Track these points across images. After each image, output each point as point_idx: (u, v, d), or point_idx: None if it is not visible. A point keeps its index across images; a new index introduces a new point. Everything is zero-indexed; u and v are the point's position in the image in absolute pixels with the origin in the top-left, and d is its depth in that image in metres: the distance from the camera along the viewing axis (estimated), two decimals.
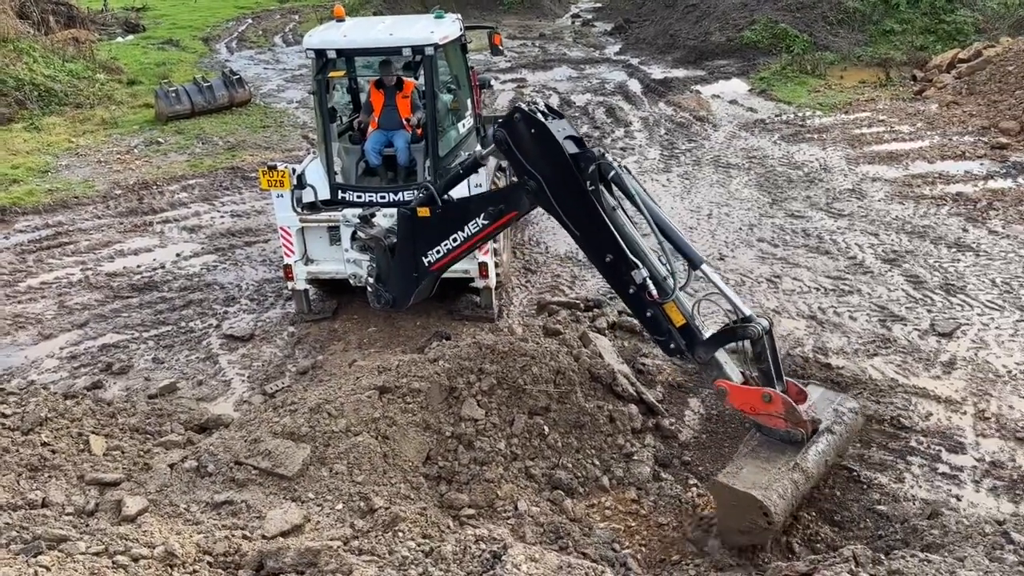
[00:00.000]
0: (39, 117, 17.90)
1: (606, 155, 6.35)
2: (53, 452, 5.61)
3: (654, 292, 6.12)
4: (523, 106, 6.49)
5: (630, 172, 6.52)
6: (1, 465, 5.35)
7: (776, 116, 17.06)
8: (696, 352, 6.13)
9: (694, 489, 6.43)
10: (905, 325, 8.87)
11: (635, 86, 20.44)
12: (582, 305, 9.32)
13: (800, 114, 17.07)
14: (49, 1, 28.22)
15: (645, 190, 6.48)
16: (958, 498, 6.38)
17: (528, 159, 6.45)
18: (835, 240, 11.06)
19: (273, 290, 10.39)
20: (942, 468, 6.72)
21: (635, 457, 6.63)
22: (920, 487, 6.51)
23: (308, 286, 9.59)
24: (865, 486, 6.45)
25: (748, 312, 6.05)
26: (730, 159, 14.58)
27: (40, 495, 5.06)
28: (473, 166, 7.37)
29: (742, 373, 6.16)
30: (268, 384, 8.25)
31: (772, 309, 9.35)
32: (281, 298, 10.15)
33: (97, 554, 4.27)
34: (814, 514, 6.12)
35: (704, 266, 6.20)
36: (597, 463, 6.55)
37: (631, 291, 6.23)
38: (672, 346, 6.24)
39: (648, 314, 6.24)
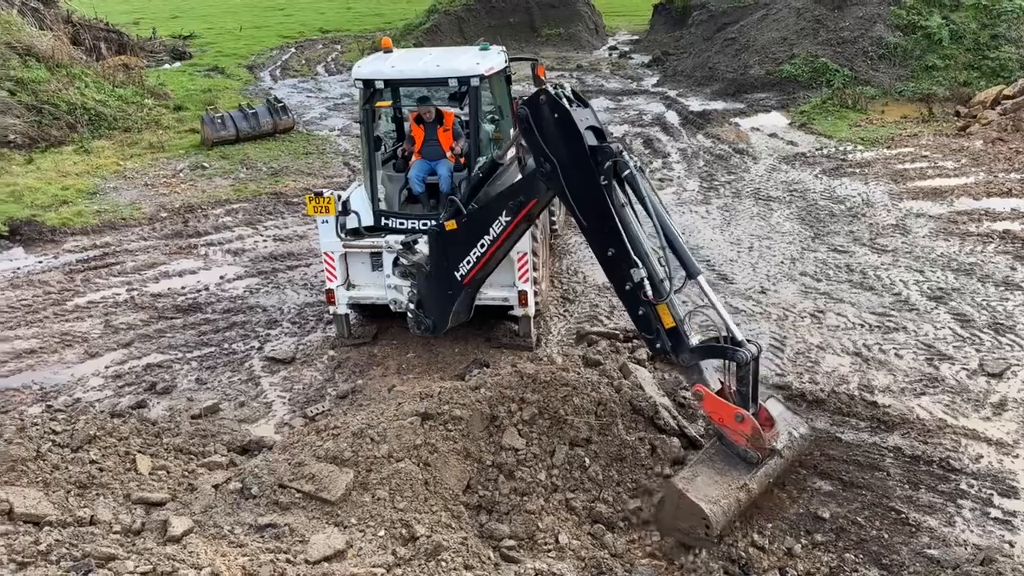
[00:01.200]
0: (89, 140, 18.41)
1: (624, 153, 6.42)
2: (101, 470, 5.68)
3: (649, 292, 6.25)
4: (549, 88, 6.54)
5: (644, 173, 6.58)
6: (51, 481, 5.44)
7: (817, 150, 16.96)
8: (680, 355, 6.29)
9: (736, 523, 6.32)
10: (953, 364, 8.68)
11: (673, 118, 20.48)
12: (622, 336, 9.28)
13: (841, 148, 16.95)
14: (101, 29, 29.20)
15: (657, 194, 6.56)
16: (1012, 544, 6.19)
17: (547, 142, 6.57)
18: (879, 276, 10.90)
19: (314, 314, 10.49)
20: (994, 512, 6.53)
21: None
22: (972, 532, 6.32)
23: (349, 311, 9.68)
24: (914, 529, 6.29)
25: (740, 336, 6.14)
26: (771, 192, 14.50)
27: (88, 512, 5.12)
28: (491, 169, 7.45)
29: (720, 382, 6.30)
30: (309, 407, 8.29)
31: (816, 344, 9.22)
32: (322, 322, 10.24)
33: (145, 574, 4.31)
34: (861, 556, 5.98)
35: (701, 279, 6.33)
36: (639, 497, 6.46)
37: (627, 287, 6.39)
38: (658, 346, 6.39)
39: (640, 312, 6.39)
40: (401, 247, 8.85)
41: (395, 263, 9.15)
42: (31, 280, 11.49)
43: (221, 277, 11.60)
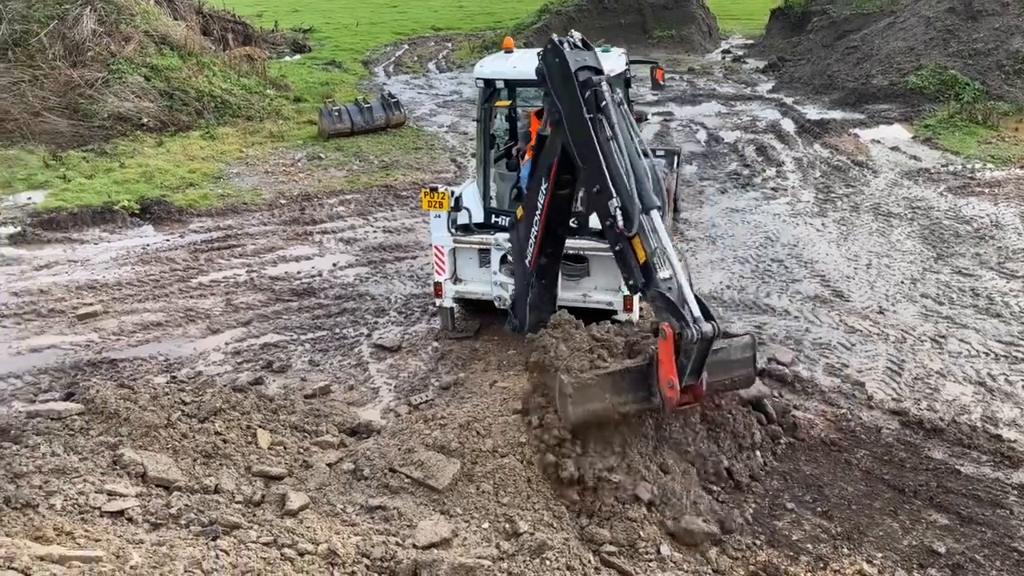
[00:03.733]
0: (214, 127, 19.36)
1: (603, 84, 6.39)
2: (225, 441, 5.98)
3: (620, 223, 6.02)
4: (555, 37, 6.67)
5: (624, 104, 6.55)
6: (180, 449, 5.76)
7: (942, 166, 16.13)
8: (648, 292, 6.11)
9: (844, 549, 6.11)
10: None
11: (788, 125, 19.90)
12: None
13: (969, 166, 16.06)
14: (228, 20, 30.66)
15: (633, 124, 6.52)
16: None
17: (555, 90, 6.67)
18: (1007, 303, 10.29)
19: (419, 305, 10.71)
20: None
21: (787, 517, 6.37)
22: None
23: (454, 304, 9.84)
24: None
25: (696, 312, 5.77)
26: (891, 208, 13.89)
27: (214, 481, 5.40)
28: (540, 144, 7.42)
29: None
30: (413, 395, 8.47)
31: (936, 371, 8.79)
32: (427, 313, 10.45)
33: (267, 544, 4.51)
34: None
35: (654, 214, 6.06)
36: None
37: (608, 223, 6.22)
38: (631, 283, 6.28)
39: (618, 248, 6.25)
40: (510, 245, 8.96)
41: (502, 260, 9.28)
42: (159, 257, 12.19)
43: (334, 264, 12.00)
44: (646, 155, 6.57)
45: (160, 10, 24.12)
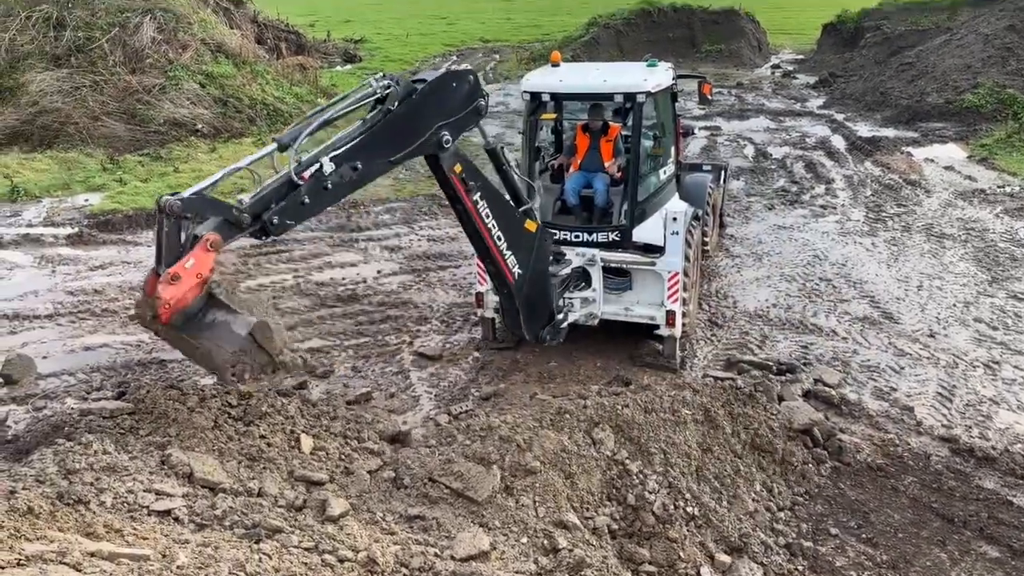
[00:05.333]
0: (266, 134, 19.71)
1: None
2: (269, 445, 6.07)
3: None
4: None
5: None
6: (225, 451, 5.86)
7: (999, 187, 15.72)
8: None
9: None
10: None
11: (839, 142, 19.60)
12: (774, 368, 8.95)
13: None
14: (282, 29, 31.31)
15: None
16: None
17: None
18: None
19: (461, 314, 10.77)
20: None
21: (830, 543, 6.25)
22: None
23: (496, 315, 9.86)
24: None
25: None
26: (944, 229, 13.57)
27: (257, 484, 5.48)
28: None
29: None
30: (453, 405, 8.51)
31: (989, 398, 8.55)
32: (468, 323, 10.50)
33: (308, 549, 4.57)
34: None
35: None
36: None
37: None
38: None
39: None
40: (551, 258, 8.97)
41: None
42: None
43: (378, 271, 12.13)
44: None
45: (217, 19, 24.73)
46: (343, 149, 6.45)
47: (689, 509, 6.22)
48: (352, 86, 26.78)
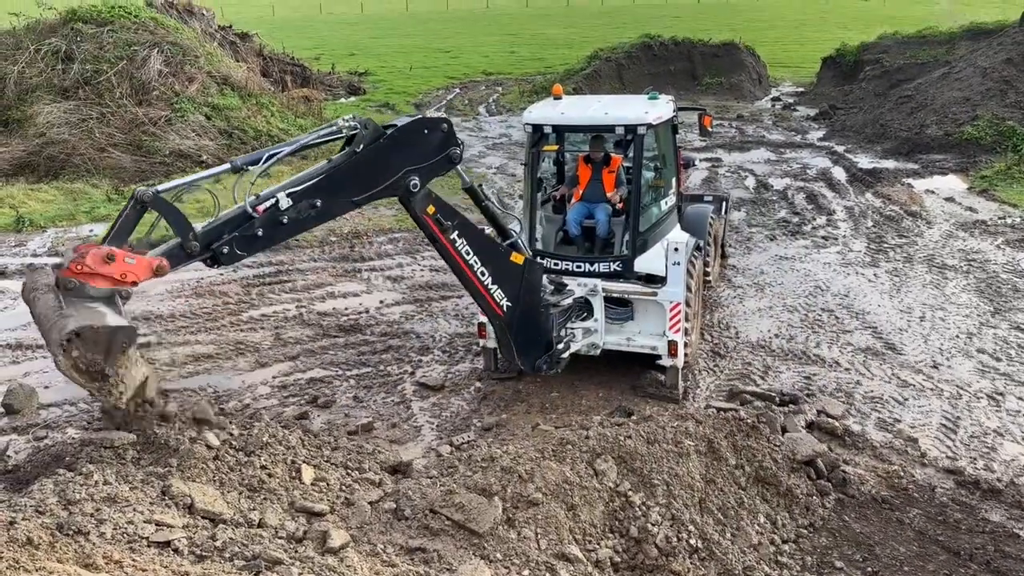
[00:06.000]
0: (264, 171, 19.85)
1: None
2: (269, 475, 6.04)
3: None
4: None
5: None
6: (226, 482, 5.84)
7: (1000, 219, 15.78)
8: None
9: None
10: None
11: (839, 174, 19.72)
12: (777, 399, 8.92)
13: None
14: (287, 63, 31.73)
15: None
16: None
17: None
18: None
19: (463, 344, 10.77)
20: None
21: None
22: None
23: (498, 345, 9.86)
24: None
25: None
26: (946, 259, 13.60)
27: (258, 515, 5.45)
28: None
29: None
30: (455, 436, 8.49)
31: (993, 429, 8.51)
32: (470, 353, 10.50)
33: None
34: None
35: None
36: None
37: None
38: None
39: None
40: (552, 287, 9.01)
41: None
42: (212, 290, 12.50)
43: (380, 302, 12.16)
44: None
45: (223, 52, 25.10)
46: (303, 186, 6.65)
47: (692, 541, 6.16)
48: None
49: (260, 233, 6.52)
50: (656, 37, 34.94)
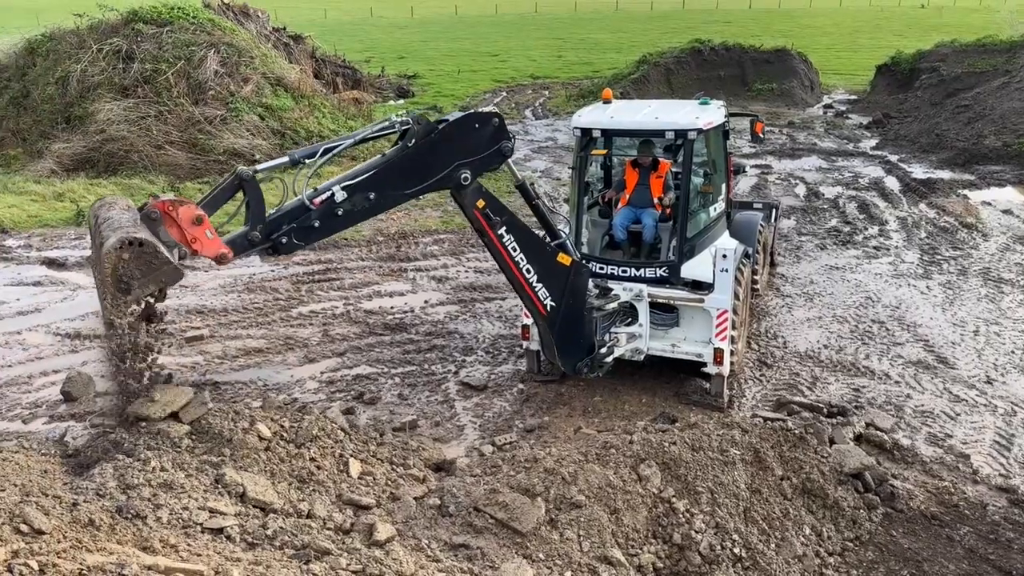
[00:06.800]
0: (321, 165, 20.17)
1: None
2: (318, 468, 6.18)
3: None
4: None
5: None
6: (277, 472, 5.98)
7: None
8: None
9: None
10: None
11: (893, 183, 19.34)
12: (825, 410, 8.79)
13: None
14: (339, 65, 32.18)
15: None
16: None
17: None
18: None
19: (507, 346, 10.83)
20: None
21: None
22: None
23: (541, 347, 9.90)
24: None
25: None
26: (1002, 273, 13.26)
27: (307, 506, 5.58)
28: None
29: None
30: (497, 436, 8.54)
31: None
32: (513, 354, 10.55)
33: (356, 573, 4.62)
34: None
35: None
36: None
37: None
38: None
39: None
40: (597, 291, 9.01)
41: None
42: (263, 286, 12.76)
43: (425, 301, 12.29)
44: None
45: (277, 54, 25.57)
46: (357, 180, 6.91)
47: (736, 551, 6.12)
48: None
49: (317, 224, 6.75)
50: (706, 42, 34.65)
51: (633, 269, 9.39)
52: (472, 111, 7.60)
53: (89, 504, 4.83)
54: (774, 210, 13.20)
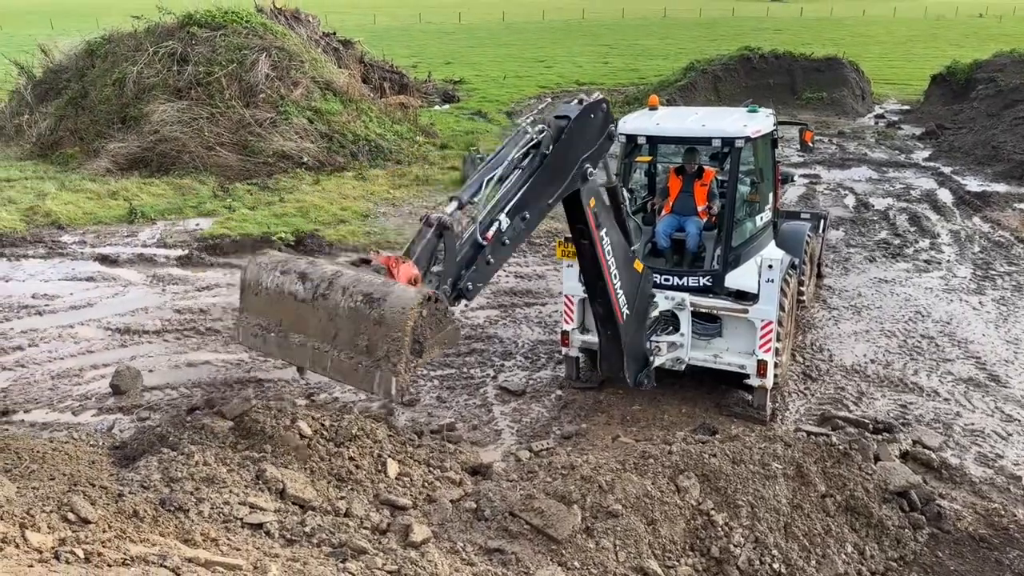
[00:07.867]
0: (366, 168, 20.49)
1: None
2: (357, 467, 6.23)
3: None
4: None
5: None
6: (316, 470, 6.06)
7: None
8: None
9: None
10: None
11: (945, 196, 18.87)
12: (871, 426, 8.60)
13: None
14: (386, 70, 32.53)
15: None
16: None
17: None
18: None
19: (545, 351, 10.81)
20: None
21: None
22: None
23: (580, 354, 9.86)
24: None
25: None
26: None
27: (345, 505, 5.63)
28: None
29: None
30: (534, 442, 8.52)
31: None
32: (552, 360, 10.52)
33: (391, 573, 4.65)
34: None
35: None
36: None
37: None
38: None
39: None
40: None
41: None
42: None
43: (465, 305, 12.31)
44: None
45: (327, 58, 25.95)
46: (512, 202, 6.40)
47: (776, 566, 6.01)
48: (449, 125, 27.45)
49: (491, 260, 6.31)
50: (756, 50, 34.23)
51: (675, 278, 9.29)
52: (586, 102, 7.12)
53: (134, 496, 4.95)
54: (822, 221, 12.97)
